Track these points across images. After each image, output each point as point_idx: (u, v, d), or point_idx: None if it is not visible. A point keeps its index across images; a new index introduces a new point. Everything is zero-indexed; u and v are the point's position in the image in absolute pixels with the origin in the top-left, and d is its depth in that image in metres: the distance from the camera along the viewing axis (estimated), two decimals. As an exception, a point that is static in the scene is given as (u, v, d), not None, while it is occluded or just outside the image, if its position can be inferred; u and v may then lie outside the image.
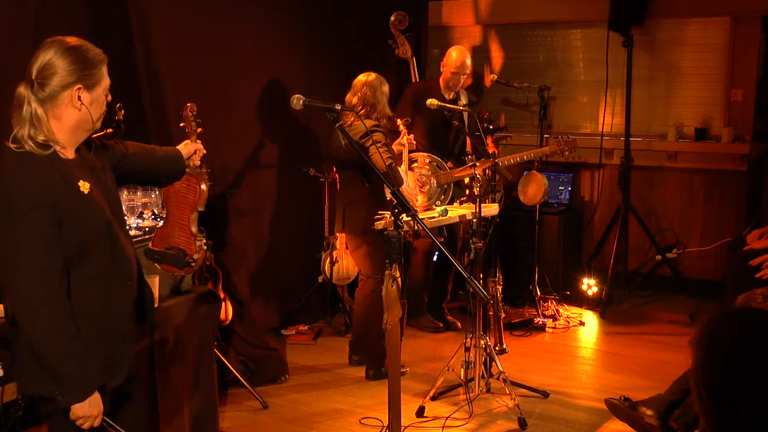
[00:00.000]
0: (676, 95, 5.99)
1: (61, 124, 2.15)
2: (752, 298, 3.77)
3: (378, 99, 4.37)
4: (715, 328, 1.54)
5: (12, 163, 2.09)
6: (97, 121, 2.24)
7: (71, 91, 2.13)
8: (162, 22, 4.25)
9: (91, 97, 2.17)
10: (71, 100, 2.13)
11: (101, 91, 2.21)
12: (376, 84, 4.38)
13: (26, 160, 2.09)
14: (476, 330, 4.02)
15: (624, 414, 3.65)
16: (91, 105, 2.17)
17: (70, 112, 2.15)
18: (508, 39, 6.51)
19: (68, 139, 2.18)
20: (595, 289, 5.71)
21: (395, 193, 2.94)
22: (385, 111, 4.41)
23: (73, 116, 2.16)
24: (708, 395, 1.50)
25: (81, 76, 2.14)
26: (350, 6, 5.66)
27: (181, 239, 3.02)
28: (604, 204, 6.16)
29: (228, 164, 4.80)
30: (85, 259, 2.18)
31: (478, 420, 3.92)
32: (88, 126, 2.21)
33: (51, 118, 2.13)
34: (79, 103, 2.14)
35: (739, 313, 1.82)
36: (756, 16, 5.60)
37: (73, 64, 2.12)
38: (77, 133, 2.21)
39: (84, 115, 2.17)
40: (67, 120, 2.15)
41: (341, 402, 4.21)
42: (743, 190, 5.72)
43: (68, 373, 2.14)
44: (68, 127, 2.17)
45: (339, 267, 5.18)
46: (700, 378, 1.52)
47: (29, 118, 2.10)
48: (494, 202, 4.33)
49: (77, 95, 2.13)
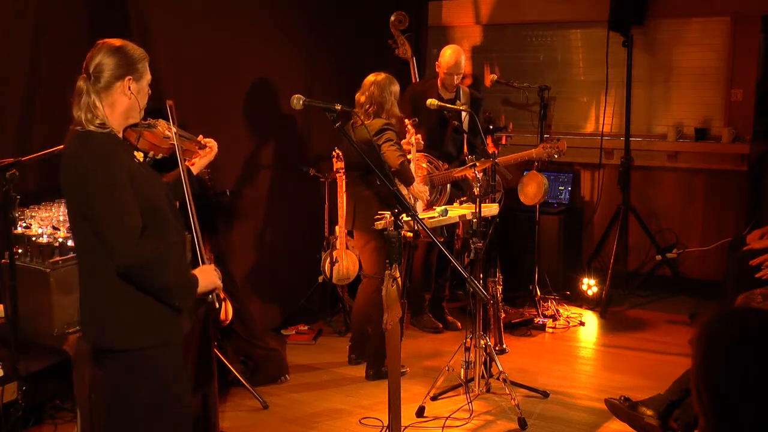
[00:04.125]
0: (676, 95, 5.99)
1: (114, 111, 2.49)
2: (752, 298, 3.77)
3: (385, 98, 4.38)
4: (715, 328, 1.54)
5: (77, 140, 2.44)
6: (142, 111, 2.57)
7: (123, 81, 2.46)
8: (162, 22, 4.25)
9: (138, 87, 2.51)
10: (123, 90, 2.47)
11: (146, 83, 2.55)
12: (384, 83, 4.39)
13: (89, 137, 2.43)
14: (476, 330, 4.02)
15: (624, 414, 3.65)
16: (138, 94, 2.52)
17: (122, 99, 2.49)
18: (508, 39, 6.51)
19: (119, 125, 2.52)
20: (595, 289, 5.71)
21: (395, 193, 2.94)
22: (393, 110, 4.42)
23: (125, 103, 2.50)
24: (707, 395, 1.50)
25: (130, 69, 2.48)
26: (350, 6, 5.66)
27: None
28: (604, 204, 6.16)
29: (228, 164, 4.80)
30: (150, 222, 2.46)
31: (478, 420, 3.93)
32: (135, 113, 2.55)
33: (106, 106, 2.46)
34: (129, 92, 2.48)
35: (739, 313, 1.82)
36: (756, 16, 5.60)
37: (122, 59, 2.48)
38: (127, 119, 2.54)
39: (133, 103, 2.52)
40: (120, 107, 2.49)
41: (341, 402, 4.21)
42: (743, 190, 5.72)
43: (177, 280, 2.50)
44: (120, 114, 2.50)
45: (339, 267, 5.18)
46: (699, 378, 1.51)
47: (87, 106, 2.43)
48: (494, 202, 4.33)
49: (128, 85, 2.47)
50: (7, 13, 3.65)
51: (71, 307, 3.14)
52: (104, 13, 3.98)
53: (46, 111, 3.76)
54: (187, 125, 3.08)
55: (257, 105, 5.02)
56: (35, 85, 3.74)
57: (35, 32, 3.74)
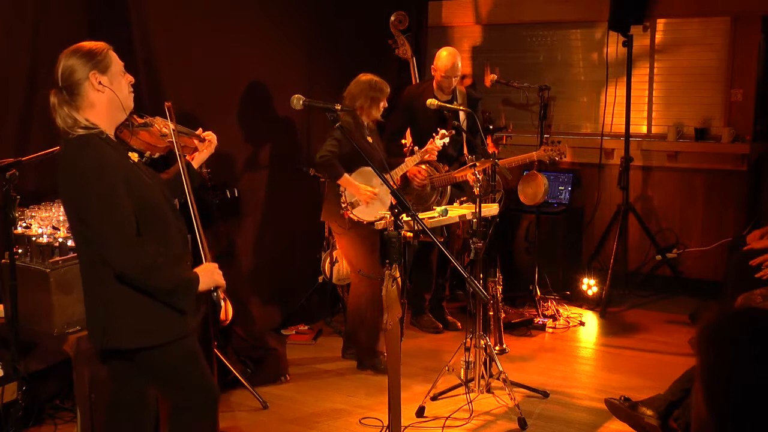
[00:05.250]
0: (676, 95, 5.99)
1: (97, 110, 2.47)
2: (752, 299, 3.77)
3: (357, 96, 4.43)
4: (716, 328, 1.54)
5: (70, 146, 2.44)
6: (126, 99, 2.53)
7: (89, 79, 2.44)
8: (162, 22, 4.25)
9: (108, 78, 2.47)
10: (93, 86, 2.44)
11: (116, 72, 2.50)
12: (363, 84, 4.45)
13: (82, 142, 2.42)
14: (476, 330, 4.03)
15: (624, 414, 3.66)
16: (111, 85, 2.47)
17: (99, 96, 2.46)
18: (508, 39, 6.51)
19: (107, 123, 2.50)
20: (595, 289, 5.71)
21: (395, 193, 2.94)
22: (366, 110, 4.46)
23: (103, 100, 2.47)
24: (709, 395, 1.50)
25: (91, 64, 2.45)
26: (350, 6, 5.66)
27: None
28: (604, 204, 6.16)
29: (228, 164, 4.80)
30: (148, 223, 2.47)
31: (478, 420, 3.93)
32: (118, 104, 2.51)
33: (86, 107, 2.45)
34: (101, 86, 2.45)
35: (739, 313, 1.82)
36: (756, 16, 5.60)
37: (82, 58, 2.45)
38: (113, 114, 2.52)
39: (110, 96, 2.48)
40: (99, 104, 2.47)
41: (341, 402, 4.21)
42: (743, 190, 5.72)
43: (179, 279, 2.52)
44: (103, 111, 2.48)
45: (339, 267, 5.18)
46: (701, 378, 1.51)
47: (64, 117, 2.44)
48: (494, 202, 4.33)
49: (96, 80, 2.44)
50: (7, 13, 3.65)
51: (71, 307, 3.15)
52: (104, 13, 3.98)
53: (46, 111, 3.73)
54: (187, 125, 3.08)
55: (257, 105, 5.02)
56: (35, 85, 3.74)
57: (35, 32, 3.74)
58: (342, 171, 4.38)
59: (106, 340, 2.55)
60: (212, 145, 3.01)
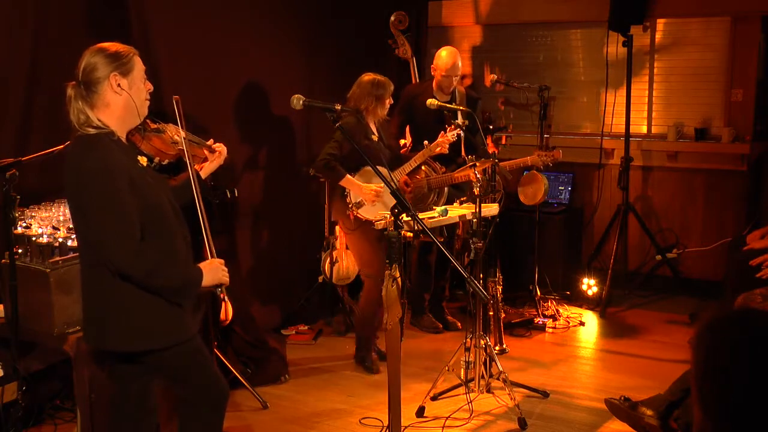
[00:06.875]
0: (676, 95, 5.99)
1: (111, 111, 2.48)
2: (752, 299, 3.77)
3: (362, 97, 4.42)
4: (715, 328, 1.54)
5: (79, 144, 2.45)
6: (142, 106, 2.55)
7: (109, 79, 2.45)
8: (162, 22, 4.25)
9: (128, 82, 2.49)
10: (112, 87, 2.46)
11: (137, 77, 2.52)
12: (366, 84, 4.44)
13: (91, 142, 2.43)
14: (476, 330, 4.02)
15: (624, 414, 3.65)
16: (130, 89, 2.49)
17: (115, 98, 2.47)
18: (508, 39, 6.51)
19: (119, 126, 2.51)
20: (595, 289, 5.71)
21: (395, 193, 2.94)
22: (372, 110, 4.44)
23: (119, 102, 2.48)
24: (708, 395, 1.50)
25: (114, 65, 2.47)
26: (350, 6, 5.66)
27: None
28: (604, 204, 6.16)
29: (228, 164, 4.77)
30: (152, 224, 2.48)
31: (478, 420, 3.93)
32: (133, 109, 2.52)
33: (101, 107, 2.47)
34: (120, 89, 2.47)
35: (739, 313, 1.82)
36: (756, 16, 5.59)
37: (106, 58, 2.47)
38: (127, 118, 2.53)
39: (127, 100, 2.49)
40: (115, 106, 2.48)
41: (341, 402, 4.21)
42: (743, 190, 5.72)
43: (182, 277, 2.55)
44: (118, 113, 2.49)
45: (339, 267, 5.18)
46: (699, 378, 1.51)
47: (77, 111, 2.45)
48: (494, 202, 4.33)
49: (116, 81, 2.46)
50: (7, 13, 3.65)
51: (71, 307, 3.15)
52: (104, 13, 3.98)
53: (46, 111, 3.75)
54: (187, 125, 3.08)
55: (257, 105, 5.02)
56: (35, 85, 3.74)
57: (35, 32, 3.74)
58: (343, 173, 4.38)
59: (109, 341, 2.55)
60: (222, 157, 3.05)
